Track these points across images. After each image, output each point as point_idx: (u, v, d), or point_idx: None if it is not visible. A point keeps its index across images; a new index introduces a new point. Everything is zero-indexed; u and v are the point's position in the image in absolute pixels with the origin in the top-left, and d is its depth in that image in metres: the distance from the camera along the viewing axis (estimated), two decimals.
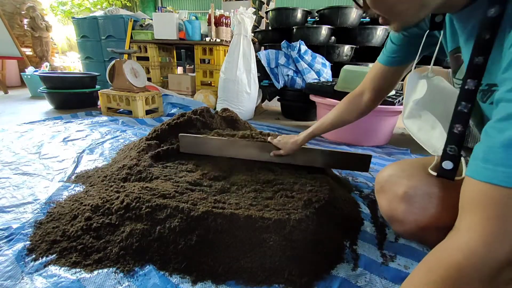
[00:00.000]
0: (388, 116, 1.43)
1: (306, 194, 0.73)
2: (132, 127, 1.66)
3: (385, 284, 0.57)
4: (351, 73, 1.47)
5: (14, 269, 0.56)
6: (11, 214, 0.75)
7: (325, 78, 2.06)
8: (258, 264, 0.57)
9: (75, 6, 5.83)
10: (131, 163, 0.90)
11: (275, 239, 0.59)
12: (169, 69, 3.02)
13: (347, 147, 1.46)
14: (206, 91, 2.27)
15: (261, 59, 2.13)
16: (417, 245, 0.68)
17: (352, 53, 2.36)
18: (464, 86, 0.43)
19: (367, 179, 1.05)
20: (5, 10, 3.65)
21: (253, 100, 2.06)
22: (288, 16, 2.43)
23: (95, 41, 2.75)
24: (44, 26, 3.72)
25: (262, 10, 4.22)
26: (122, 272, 0.56)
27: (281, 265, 0.57)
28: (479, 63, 0.40)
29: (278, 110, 2.52)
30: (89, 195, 0.79)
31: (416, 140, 0.60)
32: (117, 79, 1.90)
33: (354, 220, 0.76)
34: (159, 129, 1.07)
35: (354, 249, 0.66)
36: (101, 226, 0.64)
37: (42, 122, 1.71)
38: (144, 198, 0.66)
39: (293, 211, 0.65)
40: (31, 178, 0.97)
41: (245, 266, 0.56)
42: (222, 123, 1.17)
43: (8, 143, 1.30)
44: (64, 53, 4.95)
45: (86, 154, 1.21)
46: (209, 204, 0.66)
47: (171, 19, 2.32)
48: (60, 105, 2.17)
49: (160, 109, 2.07)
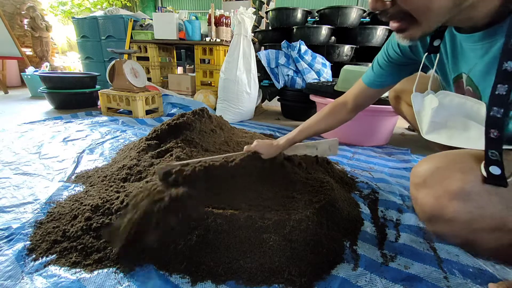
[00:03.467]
0: (388, 116, 1.43)
1: (307, 195, 0.73)
2: (132, 127, 1.66)
3: (385, 284, 0.56)
4: (351, 73, 1.47)
5: (14, 269, 0.56)
6: (11, 214, 0.75)
7: (325, 78, 2.06)
8: (258, 264, 0.57)
9: (75, 6, 5.83)
10: (131, 163, 0.90)
11: (275, 239, 0.59)
12: (169, 69, 3.02)
13: (347, 147, 1.46)
14: (206, 91, 2.27)
15: (261, 59, 2.13)
16: (418, 245, 0.68)
17: (352, 53, 2.36)
18: (495, 91, 0.43)
19: (367, 179, 1.05)
20: (5, 10, 3.66)
21: (253, 100, 2.05)
22: (288, 16, 2.43)
23: (95, 41, 2.75)
24: (44, 26, 3.72)
25: (262, 10, 4.21)
26: (122, 272, 0.56)
27: (281, 265, 0.57)
28: (508, 69, 0.41)
29: (278, 110, 2.52)
30: (89, 195, 0.79)
31: (451, 145, 0.57)
32: (117, 79, 1.90)
33: (354, 220, 0.76)
34: (159, 129, 1.07)
35: (354, 249, 0.66)
36: (101, 226, 0.64)
37: (42, 122, 1.71)
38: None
39: (293, 211, 0.65)
40: (31, 178, 0.97)
41: (245, 266, 0.56)
42: (217, 125, 1.17)
43: (8, 143, 1.30)
44: (64, 53, 4.95)
45: (86, 154, 1.21)
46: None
47: (171, 19, 2.32)
48: (60, 105, 2.18)
49: (160, 109, 2.07)
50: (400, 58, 0.66)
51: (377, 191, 0.95)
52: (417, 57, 0.64)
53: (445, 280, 0.57)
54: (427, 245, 0.68)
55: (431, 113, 0.57)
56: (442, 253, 0.65)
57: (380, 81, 0.72)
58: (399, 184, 1.03)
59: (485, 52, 0.47)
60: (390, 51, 0.68)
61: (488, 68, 0.47)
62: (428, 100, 0.59)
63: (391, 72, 0.70)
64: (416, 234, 0.72)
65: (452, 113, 0.55)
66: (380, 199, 0.89)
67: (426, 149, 1.46)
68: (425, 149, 1.45)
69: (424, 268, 0.60)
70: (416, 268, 0.60)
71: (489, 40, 0.45)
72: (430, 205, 0.55)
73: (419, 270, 0.60)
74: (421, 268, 0.60)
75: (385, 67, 0.70)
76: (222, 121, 1.22)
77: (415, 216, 0.79)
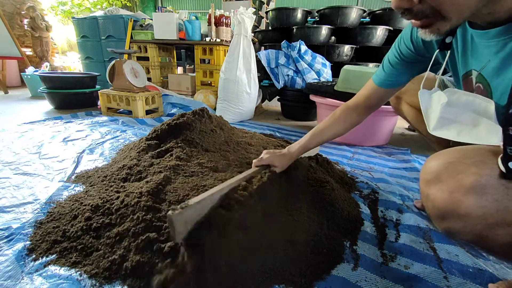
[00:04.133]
0: (388, 116, 1.43)
1: (307, 195, 0.73)
2: (132, 127, 1.66)
3: (385, 284, 0.57)
4: (351, 73, 1.47)
5: (14, 269, 0.56)
6: (11, 214, 0.75)
7: (325, 78, 2.06)
8: (259, 264, 0.57)
9: (75, 6, 5.83)
10: (131, 163, 0.90)
11: (276, 239, 0.59)
12: (169, 69, 3.02)
13: (347, 147, 1.46)
14: (206, 91, 2.27)
15: (261, 59, 2.13)
16: (418, 245, 0.68)
17: (352, 53, 2.36)
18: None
19: (367, 179, 1.05)
20: (5, 10, 3.66)
21: (253, 100, 2.05)
22: (288, 16, 2.43)
23: (95, 41, 2.75)
24: (44, 26, 3.72)
25: (262, 10, 4.21)
26: None
27: (281, 265, 0.57)
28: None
29: (278, 110, 2.52)
30: (89, 195, 0.79)
31: (460, 141, 0.55)
32: (117, 79, 1.90)
33: (354, 220, 0.76)
34: (159, 129, 1.07)
35: (354, 249, 0.66)
36: (101, 226, 0.64)
37: (42, 122, 1.71)
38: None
39: (295, 211, 0.65)
40: (31, 178, 0.97)
41: (245, 267, 0.56)
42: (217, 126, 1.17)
43: (8, 143, 1.30)
44: (64, 53, 4.95)
45: (86, 154, 1.21)
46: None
47: (171, 19, 2.32)
48: (60, 105, 2.18)
49: (160, 109, 2.07)
50: (412, 55, 0.66)
51: (377, 191, 0.95)
52: (430, 53, 0.63)
53: (445, 280, 0.57)
54: (427, 245, 0.68)
55: (440, 109, 0.56)
56: (442, 253, 0.65)
57: (392, 80, 0.71)
58: (399, 184, 1.03)
59: (500, 48, 0.46)
60: (402, 48, 0.67)
61: (503, 65, 0.46)
62: (436, 97, 0.58)
63: (402, 70, 0.69)
64: (416, 234, 0.72)
65: (461, 110, 0.55)
66: (380, 199, 0.89)
67: (426, 149, 1.46)
68: (425, 149, 1.45)
69: (424, 268, 0.60)
70: (416, 268, 0.60)
71: (505, 36, 0.44)
72: (443, 200, 0.53)
73: (419, 270, 0.60)
74: (421, 268, 0.60)
75: (396, 65, 0.69)
76: (222, 121, 1.22)
77: (415, 216, 0.79)
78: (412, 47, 0.64)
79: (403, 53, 0.67)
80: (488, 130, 0.50)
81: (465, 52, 0.54)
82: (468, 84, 0.56)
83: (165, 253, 0.52)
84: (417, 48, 0.64)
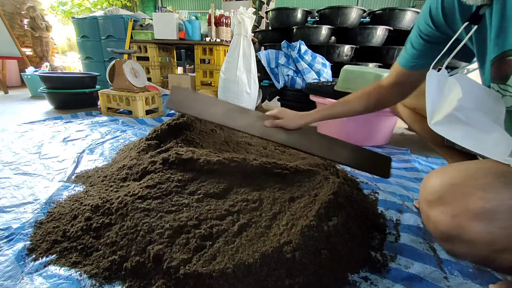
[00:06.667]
0: (388, 116, 1.43)
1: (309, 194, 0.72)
2: (132, 127, 1.66)
3: (385, 284, 0.57)
4: (351, 73, 1.47)
5: (14, 269, 0.56)
6: (11, 214, 0.75)
7: (325, 78, 2.06)
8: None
9: (75, 6, 5.83)
10: (131, 163, 0.90)
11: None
12: (169, 69, 3.02)
13: None
14: (206, 91, 2.27)
15: (261, 59, 2.13)
16: (418, 245, 0.68)
17: (352, 53, 2.36)
18: None
19: (367, 179, 1.05)
20: (5, 10, 3.65)
21: (253, 100, 2.05)
22: (288, 16, 2.43)
23: (95, 41, 2.75)
24: (44, 26, 3.72)
25: (262, 10, 4.22)
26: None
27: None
28: None
29: None
30: (89, 195, 0.79)
31: (461, 145, 0.51)
32: (117, 79, 1.90)
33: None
34: (159, 129, 1.07)
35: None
36: (101, 226, 0.64)
37: (42, 122, 1.71)
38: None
39: (299, 212, 0.64)
40: (31, 178, 0.97)
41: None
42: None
43: (9, 143, 1.30)
44: (64, 53, 4.95)
45: (86, 154, 1.21)
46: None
47: (171, 19, 2.32)
48: (60, 105, 2.18)
49: (160, 109, 2.07)
50: (433, 33, 0.59)
51: (377, 191, 0.95)
52: (452, 29, 0.56)
53: (445, 280, 0.57)
54: (427, 245, 0.68)
55: (456, 105, 0.49)
56: (442, 253, 0.65)
57: (415, 61, 0.65)
58: (399, 184, 1.03)
59: None
60: (422, 26, 0.61)
61: None
62: (449, 86, 0.51)
63: (425, 52, 0.62)
64: (416, 234, 0.72)
65: (475, 108, 0.49)
66: (380, 199, 0.89)
67: (426, 149, 1.46)
68: (425, 149, 1.45)
69: (424, 268, 0.60)
70: (416, 268, 0.60)
71: None
72: (447, 224, 0.49)
73: (419, 270, 0.60)
74: (421, 268, 0.60)
75: (417, 46, 0.63)
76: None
77: (415, 216, 0.79)
78: (432, 23, 0.58)
79: (423, 31, 0.61)
80: (498, 140, 0.46)
81: (504, 28, 0.46)
82: (502, 69, 0.48)
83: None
84: (436, 24, 0.57)
